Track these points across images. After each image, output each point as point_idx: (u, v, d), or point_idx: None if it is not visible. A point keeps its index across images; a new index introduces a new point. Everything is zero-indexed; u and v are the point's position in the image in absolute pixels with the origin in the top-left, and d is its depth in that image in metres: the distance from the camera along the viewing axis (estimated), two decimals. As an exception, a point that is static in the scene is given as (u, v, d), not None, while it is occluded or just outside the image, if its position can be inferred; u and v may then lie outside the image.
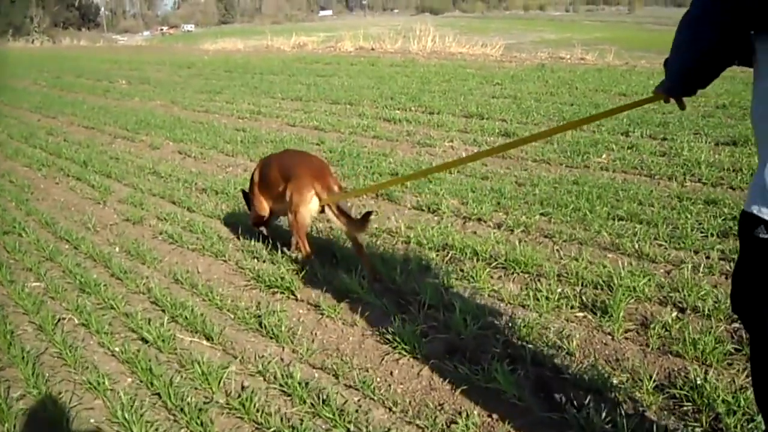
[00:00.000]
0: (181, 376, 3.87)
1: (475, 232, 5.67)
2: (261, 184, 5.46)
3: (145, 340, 4.29)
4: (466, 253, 5.10)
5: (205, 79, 19.28)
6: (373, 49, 25.25)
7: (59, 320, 4.78)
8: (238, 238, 6.05)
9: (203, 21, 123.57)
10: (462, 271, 4.81)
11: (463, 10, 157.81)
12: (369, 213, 4.65)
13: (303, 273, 5.04)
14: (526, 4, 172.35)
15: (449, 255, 5.15)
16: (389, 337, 3.94)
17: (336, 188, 4.86)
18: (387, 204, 6.70)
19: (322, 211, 4.87)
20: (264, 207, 5.53)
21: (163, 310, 4.76)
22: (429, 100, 12.02)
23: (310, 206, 4.83)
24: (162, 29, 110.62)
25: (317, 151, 8.91)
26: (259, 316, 4.46)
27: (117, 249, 6.20)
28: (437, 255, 5.18)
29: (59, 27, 79.54)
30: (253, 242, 5.86)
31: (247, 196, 5.79)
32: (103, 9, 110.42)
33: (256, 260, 5.53)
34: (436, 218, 6.14)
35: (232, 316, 4.59)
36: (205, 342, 4.22)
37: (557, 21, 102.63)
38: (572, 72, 14.75)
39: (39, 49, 47.44)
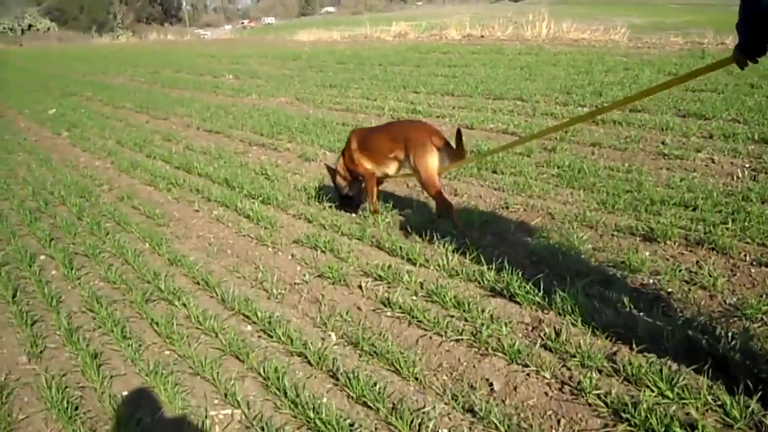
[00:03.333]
0: None
1: None
2: (363, 151, 5.41)
3: None
4: None
5: (320, 71, 17.15)
6: (482, 36, 23.16)
7: None
8: (532, 328, 3.69)
9: (283, 13, 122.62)
10: None
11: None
12: (459, 130, 4.92)
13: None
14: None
15: None
16: None
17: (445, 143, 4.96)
18: (716, 256, 4.23)
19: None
20: (368, 168, 5.43)
21: None
22: (621, 95, 9.38)
23: (435, 160, 4.91)
24: (243, 23, 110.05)
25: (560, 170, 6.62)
26: None
27: (333, 337, 3.89)
28: None
29: (142, 22, 79.28)
30: (572, 337, 3.52)
31: (332, 171, 5.74)
32: (184, 3, 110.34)
33: (598, 372, 3.17)
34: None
35: None
36: None
37: (641, 5, 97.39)
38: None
39: (126, 45, 46.43)
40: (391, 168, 5.29)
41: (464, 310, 3.89)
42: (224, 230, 6.01)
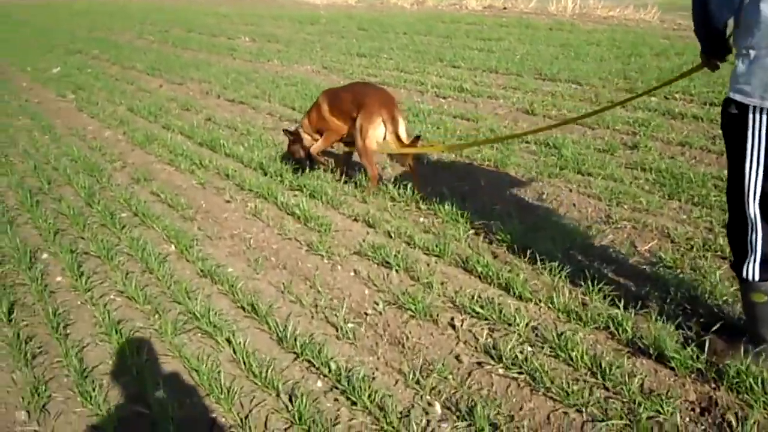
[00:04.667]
0: None
1: None
2: (334, 112, 5.47)
3: None
4: None
5: (342, 37, 15.97)
6: (505, 8, 21.90)
7: None
8: (701, 410, 2.74)
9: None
10: None
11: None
12: (418, 137, 5.21)
13: None
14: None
15: None
16: None
17: (400, 118, 5.13)
18: None
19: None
20: (341, 130, 5.49)
21: None
22: (692, 85, 8.22)
23: (378, 131, 5.03)
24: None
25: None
26: None
27: (438, 408, 2.96)
28: None
29: (149, -22, 77.29)
30: None
31: (292, 134, 5.80)
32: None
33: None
34: None
35: None
36: None
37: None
38: None
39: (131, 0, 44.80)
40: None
41: (604, 376, 2.91)
42: (264, 230, 5.01)
